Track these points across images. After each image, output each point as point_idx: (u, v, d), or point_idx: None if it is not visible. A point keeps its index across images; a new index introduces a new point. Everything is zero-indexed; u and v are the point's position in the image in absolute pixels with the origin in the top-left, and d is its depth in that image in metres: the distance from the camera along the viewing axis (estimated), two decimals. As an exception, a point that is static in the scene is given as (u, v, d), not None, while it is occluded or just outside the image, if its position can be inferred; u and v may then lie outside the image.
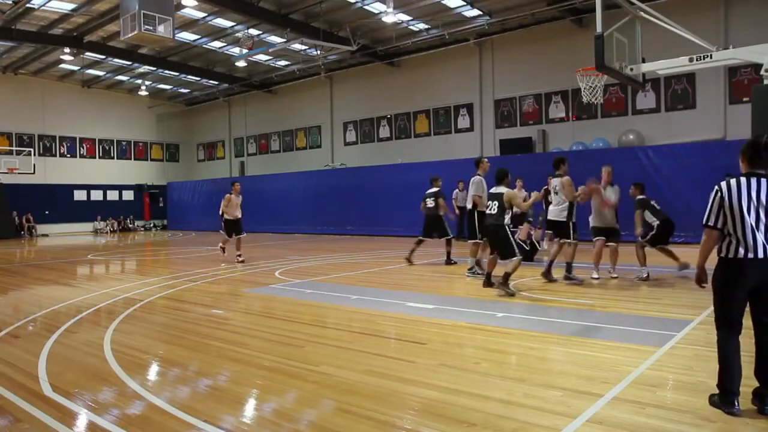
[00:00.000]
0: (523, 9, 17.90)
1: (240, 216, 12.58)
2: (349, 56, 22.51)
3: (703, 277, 3.61)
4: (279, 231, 23.75)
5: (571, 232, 8.34)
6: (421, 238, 11.64)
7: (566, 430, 3.14)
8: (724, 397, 3.35)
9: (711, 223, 3.42)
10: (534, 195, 8.36)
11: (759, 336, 3.41)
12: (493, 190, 7.95)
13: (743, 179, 3.37)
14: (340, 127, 25.76)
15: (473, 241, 9.59)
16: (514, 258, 7.57)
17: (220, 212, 12.55)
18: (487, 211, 7.94)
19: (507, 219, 7.71)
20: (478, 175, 9.75)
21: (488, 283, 7.86)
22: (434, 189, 11.51)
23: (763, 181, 3.35)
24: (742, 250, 3.33)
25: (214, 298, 8.14)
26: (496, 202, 7.74)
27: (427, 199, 11.51)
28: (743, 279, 3.34)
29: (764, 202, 3.31)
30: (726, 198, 3.35)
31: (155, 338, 5.71)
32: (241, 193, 12.64)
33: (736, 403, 3.31)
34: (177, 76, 27.39)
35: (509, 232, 7.71)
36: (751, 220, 3.30)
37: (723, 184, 3.41)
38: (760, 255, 3.31)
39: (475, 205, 9.58)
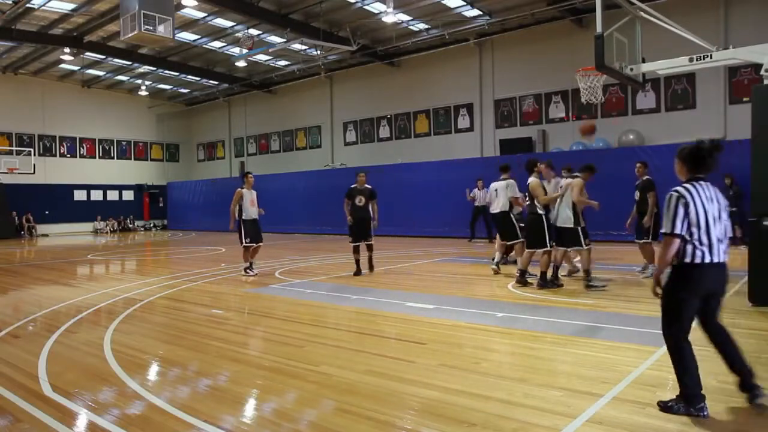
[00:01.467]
0: (523, 9, 17.89)
1: (257, 216, 10.55)
2: (349, 56, 22.51)
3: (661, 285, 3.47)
4: (279, 231, 23.73)
5: (581, 238, 7.94)
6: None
7: (566, 430, 3.14)
8: (693, 402, 3.28)
9: (678, 231, 3.27)
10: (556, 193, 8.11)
11: (714, 334, 3.45)
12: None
13: (697, 185, 3.37)
14: (340, 127, 25.76)
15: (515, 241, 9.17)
16: (543, 248, 7.88)
17: (233, 211, 10.40)
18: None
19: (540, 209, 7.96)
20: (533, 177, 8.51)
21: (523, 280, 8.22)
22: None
23: (709, 185, 3.40)
24: (707, 256, 3.28)
25: (214, 298, 8.14)
26: (527, 192, 8.21)
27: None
28: (702, 284, 3.32)
29: (719, 206, 3.36)
30: (691, 203, 3.28)
31: (155, 338, 5.71)
32: (254, 187, 10.67)
33: (705, 404, 3.29)
34: (177, 76, 27.38)
35: (544, 221, 7.93)
36: (711, 224, 3.30)
37: (682, 189, 3.34)
38: (716, 260, 3.31)
39: (512, 206, 9.24)
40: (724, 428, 3.14)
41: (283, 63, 24.97)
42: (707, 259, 3.28)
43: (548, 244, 7.88)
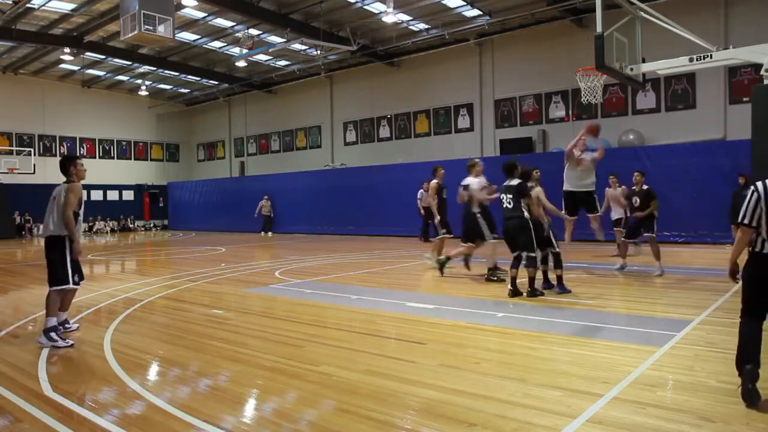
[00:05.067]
0: (523, 9, 17.89)
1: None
2: (349, 56, 22.51)
3: (736, 270, 3.79)
4: (279, 231, 23.75)
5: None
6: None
7: (566, 430, 3.13)
8: (739, 370, 3.54)
9: (746, 222, 3.60)
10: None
11: None
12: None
13: None
14: (340, 127, 25.76)
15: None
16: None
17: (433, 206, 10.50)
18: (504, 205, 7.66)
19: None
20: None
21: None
22: None
23: None
24: None
25: (214, 298, 8.14)
26: (510, 195, 7.52)
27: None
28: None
29: None
30: (763, 197, 3.55)
31: (155, 338, 5.70)
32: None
33: (748, 382, 3.43)
34: (177, 76, 27.38)
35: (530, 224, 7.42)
36: None
37: (759, 184, 3.59)
38: None
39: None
40: (725, 429, 3.14)
41: (283, 63, 24.97)
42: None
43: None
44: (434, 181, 10.56)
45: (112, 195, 29.95)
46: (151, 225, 31.17)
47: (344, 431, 3.24)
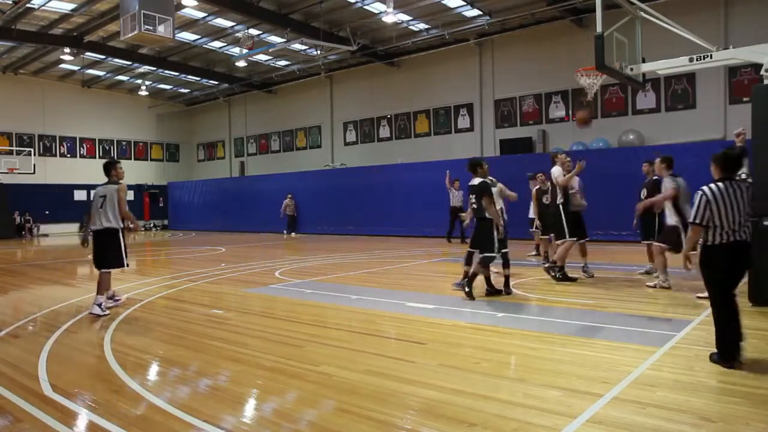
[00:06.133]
0: (523, 9, 17.90)
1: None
2: (349, 56, 22.52)
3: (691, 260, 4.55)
4: (279, 231, 23.74)
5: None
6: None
7: (566, 430, 3.14)
8: (725, 355, 4.16)
9: (698, 221, 4.23)
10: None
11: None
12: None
13: (721, 184, 4.24)
14: (340, 127, 25.76)
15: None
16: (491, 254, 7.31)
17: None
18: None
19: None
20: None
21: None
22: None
23: (734, 183, 4.28)
24: (731, 238, 4.17)
25: (214, 298, 8.14)
26: (474, 195, 7.47)
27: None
28: (734, 259, 4.21)
29: (740, 200, 4.22)
30: (712, 200, 4.18)
31: (155, 338, 5.70)
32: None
33: (735, 360, 4.12)
34: (177, 76, 27.39)
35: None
36: (734, 213, 4.17)
37: (706, 188, 4.22)
38: (738, 238, 4.19)
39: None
40: (725, 428, 3.14)
41: (283, 63, 24.98)
42: (728, 239, 4.17)
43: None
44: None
45: (112, 195, 29.92)
46: (151, 225, 31.16)
47: (344, 431, 3.25)
